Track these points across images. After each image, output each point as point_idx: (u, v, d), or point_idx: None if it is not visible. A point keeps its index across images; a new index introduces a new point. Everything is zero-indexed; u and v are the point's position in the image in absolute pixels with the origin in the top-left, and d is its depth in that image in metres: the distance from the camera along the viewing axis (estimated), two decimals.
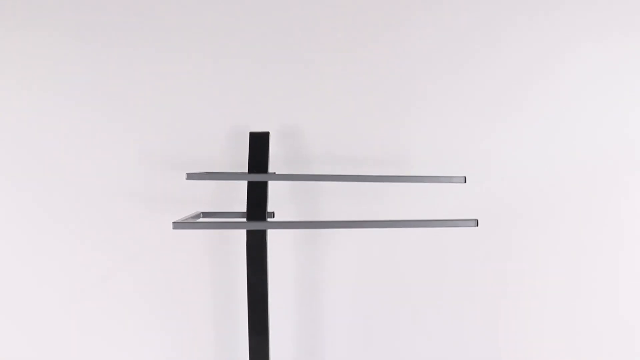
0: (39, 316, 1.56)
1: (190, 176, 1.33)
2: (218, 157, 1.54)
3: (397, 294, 1.57)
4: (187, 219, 1.32)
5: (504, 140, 1.56)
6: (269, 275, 1.39)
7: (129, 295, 1.56)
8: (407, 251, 1.56)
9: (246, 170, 1.44)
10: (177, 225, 1.27)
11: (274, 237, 1.50)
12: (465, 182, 1.38)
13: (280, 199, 1.53)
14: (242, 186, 1.47)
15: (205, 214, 1.45)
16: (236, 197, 1.53)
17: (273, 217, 1.48)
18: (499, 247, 1.57)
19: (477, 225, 1.28)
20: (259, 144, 1.42)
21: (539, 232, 1.57)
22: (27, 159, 1.54)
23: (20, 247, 1.55)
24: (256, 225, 1.29)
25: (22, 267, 1.55)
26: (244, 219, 1.40)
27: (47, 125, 1.54)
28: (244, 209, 1.44)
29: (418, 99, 1.55)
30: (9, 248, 1.55)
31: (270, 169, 1.48)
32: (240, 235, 1.50)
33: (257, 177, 1.36)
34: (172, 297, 1.56)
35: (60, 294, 1.56)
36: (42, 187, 1.54)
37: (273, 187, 1.51)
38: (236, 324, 1.56)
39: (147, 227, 1.54)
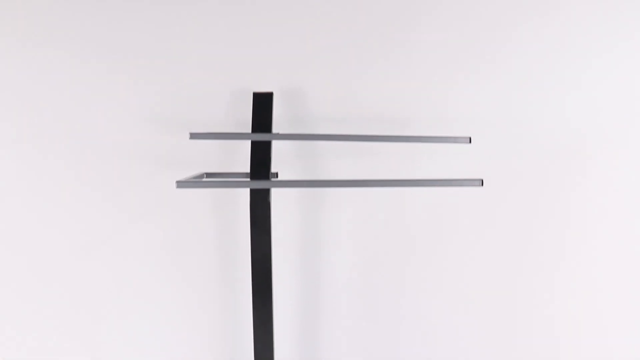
0: (45, 273, 1.57)
1: (194, 136, 1.33)
2: (221, 118, 1.52)
3: (400, 254, 1.57)
4: (190, 178, 1.31)
5: (511, 100, 1.54)
6: (272, 235, 1.39)
7: (133, 254, 1.56)
8: (411, 212, 1.56)
9: (250, 131, 1.43)
10: (181, 184, 1.27)
11: (277, 198, 1.50)
12: (470, 142, 1.38)
13: (284, 160, 1.52)
14: (246, 147, 1.46)
15: (209, 175, 1.45)
16: (240, 158, 1.52)
17: (277, 177, 1.48)
18: (505, 208, 1.57)
19: (482, 185, 1.28)
20: (262, 104, 1.42)
21: (546, 193, 1.56)
22: (27, 119, 1.53)
23: (23, 206, 1.55)
24: (260, 184, 1.29)
25: (25, 227, 1.56)
26: (248, 179, 1.40)
27: (47, 86, 1.52)
28: (248, 170, 1.43)
29: (423, 59, 1.53)
30: (11, 207, 1.55)
31: (274, 131, 1.47)
32: (244, 196, 1.50)
33: (261, 137, 1.36)
34: (176, 257, 1.57)
35: (63, 254, 1.56)
36: (44, 149, 1.54)
37: (276, 148, 1.50)
38: (239, 283, 1.56)
39: (150, 188, 1.54)
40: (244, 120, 1.51)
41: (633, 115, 1.55)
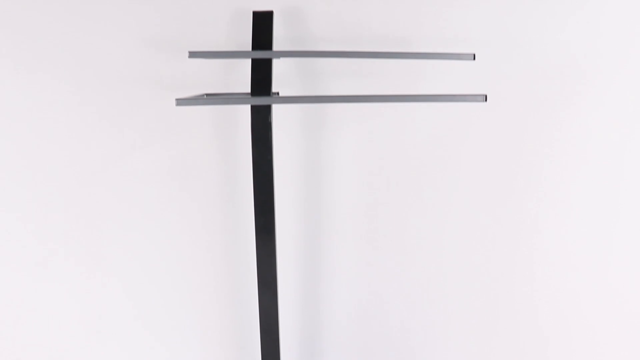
0: (49, 199, 1.58)
1: (193, 54, 1.31)
2: (221, 41, 1.50)
3: (404, 177, 1.57)
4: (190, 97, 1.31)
5: (517, 16, 1.51)
6: (274, 156, 1.39)
7: (135, 177, 1.57)
8: (415, 132, 1.55)
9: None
10: (180, 101, 1.26)
11: (279, 119, 1.49)
12: (474, 59, 1.36)
13: (285, 81, 1.50)
14: (247, 70, 1.44)
15: (209, 95, 1.44)
16: (240, 80, 1.50)
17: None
18: (511, 128, 1.55)
19: (486, 100, 1.27)
20: (262, 22, 1.39)
21: (554, 113, 1.54)
22: (24, 44, 1.51)
23: (22, 132, 1.55)
24: (260, 101, 1.28)
25: (25, 153, 1.56)
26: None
27: (44, 8, 1.50)
28: (249, 91, 1.42)
29: None
30: (11, 132, 1.55)
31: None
32: (246, 118, 1.48)
33: (261, 54, 1.34)
34: (179, 180, 1.57)
35: (66, 180, 1.57)
36: (42, 72, 1.52)
37: (277, 71, 1.48)
38: (242, 204, 1.58)
39: (150, 111, 1.53)
40: (244, 42, 1.48)
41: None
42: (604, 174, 1.57)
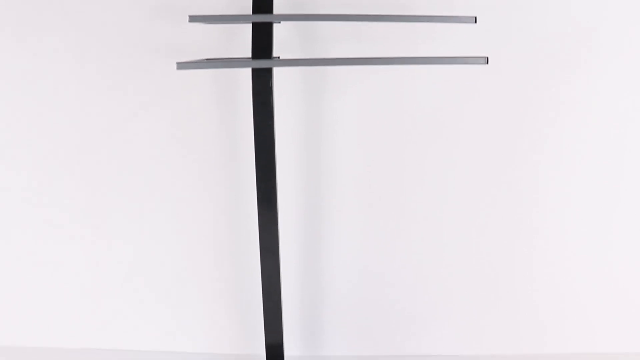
0: (50, 166, 1.60)
1: (193, 19, 1.31)
2: (221, 9, 1.50)
3: (404, 141, 1.58)
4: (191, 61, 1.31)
5: None
6: (276, 122, 1.39)
7: (136, 143, 1.58)
8: (415, 96, 1.55)
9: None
10: (181, 65, 1.26)
11: (280, 86, 1.49)
12: (475, 22, 1.35)
13: (285, 47, 1.50)
14: (247, 37, 1.44)
15: (210, 60, 1.43)
16: (241, 47, 1.50)
17: None
18: (512, 92, 1.55)
19: (487, 62, 1.26)
20: None
21: (556, 77, 1.54)
22: (24, 11, 1.51)
23: (24, 102, 1.56)
24: (262, 64, 1.28)
25: (27, 120, 1.57)
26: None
27: None
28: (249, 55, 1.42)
29: None
30: (10, 98, 1.55)
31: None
32: (247, 83, 1.48)
33: (262, 18, 1.33)
34: (180, 145, 1.58)
35: (67, 147, 1.57)
36: (43, 41, 1.53)
37: (278, 36, 1.47)
38: (243, 172, 1.58)
39: (152, 77, 1.54)
40: (245, 7, 1.47)
41: None
42: (608, 138, 1.56)
